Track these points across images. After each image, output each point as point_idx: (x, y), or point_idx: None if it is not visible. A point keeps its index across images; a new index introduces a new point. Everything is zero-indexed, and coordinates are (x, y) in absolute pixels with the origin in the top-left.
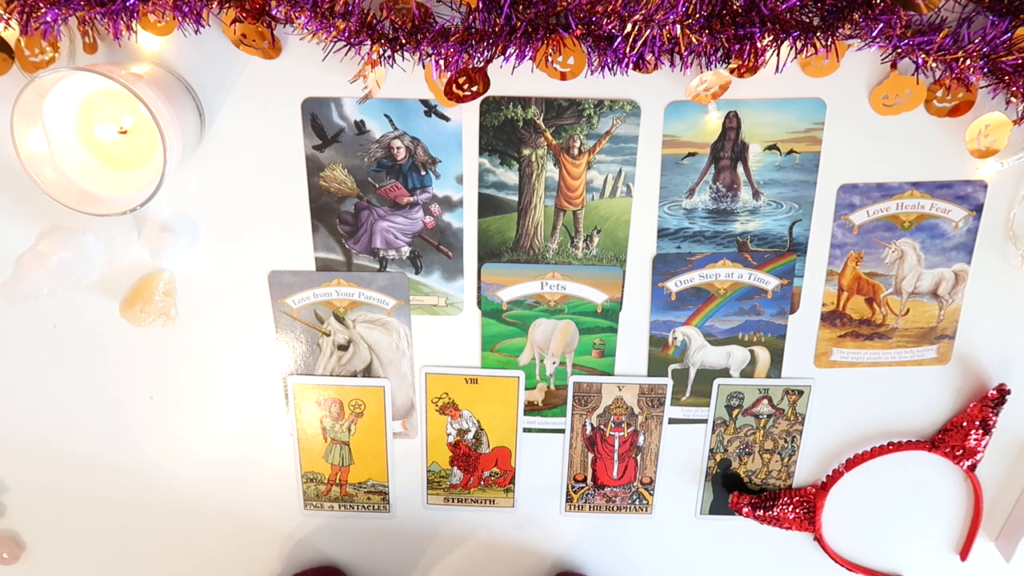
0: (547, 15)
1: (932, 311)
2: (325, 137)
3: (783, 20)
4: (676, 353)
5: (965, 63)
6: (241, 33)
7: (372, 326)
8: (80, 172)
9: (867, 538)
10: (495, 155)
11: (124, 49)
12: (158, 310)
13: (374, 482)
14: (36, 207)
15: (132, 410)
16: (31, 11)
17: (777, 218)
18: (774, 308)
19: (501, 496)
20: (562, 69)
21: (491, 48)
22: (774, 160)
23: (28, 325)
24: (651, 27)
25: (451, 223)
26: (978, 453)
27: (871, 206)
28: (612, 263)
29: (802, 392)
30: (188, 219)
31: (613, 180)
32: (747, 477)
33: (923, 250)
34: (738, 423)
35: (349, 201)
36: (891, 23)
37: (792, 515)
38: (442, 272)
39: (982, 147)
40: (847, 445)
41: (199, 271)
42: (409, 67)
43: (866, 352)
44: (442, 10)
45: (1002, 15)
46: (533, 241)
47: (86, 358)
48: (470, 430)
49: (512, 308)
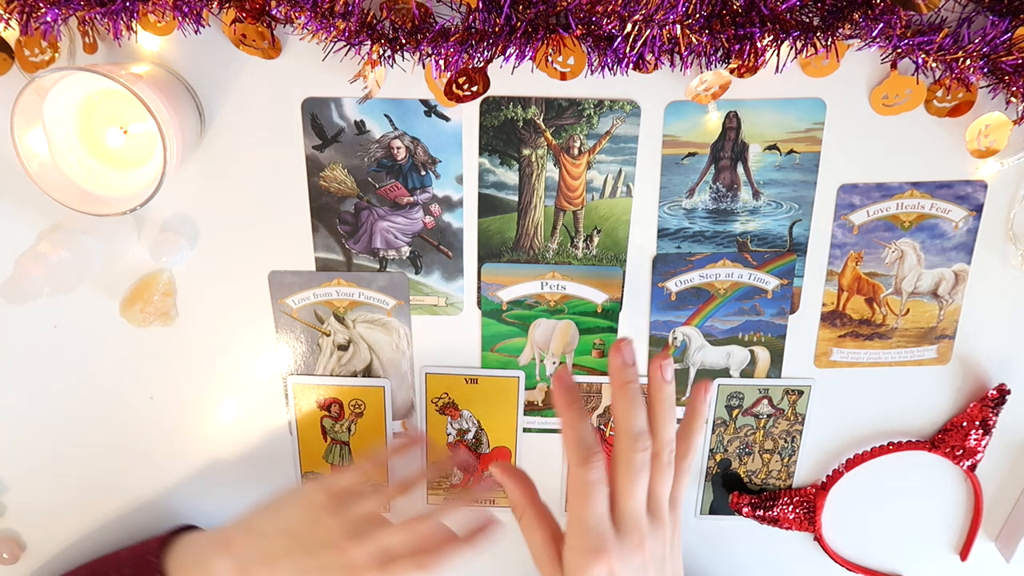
0: (547, 15)
1: (932, 311)
2: (325, 137)
3: (783, 20)
4: (676, 353)
5: (965, 63)
6: (241, 33)
7: (372, 326)
8: (80, 172)
9: (867, 538)
10: (495, 155)
11: (124, 49)
12: (158, 310)
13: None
14: (36, 207)
15: (132, 410)
16: (31, 11)
17: (777, 218)
18: (774, 308)
19: (501, 496)
20: (562, 69)
21: (491, 48)
22: (774, 160)
23: (28, 325)
24: (651, 27)
25: (451, 223)
26: (978, 453)
27: (871, 206)
28: (612, 263)
29: (802, 392)
30: (188, 219)
31: (613, 180)
32: (747, 477)
33: (923, 250)
34: (738, 423)
35: (349, 201)
36: (891, 23)
37: (792, 515)
38: (442, 272)
39: (982, 147)
40: (847, 445)
41: (199, 271)
42: (409, 67)
43: (866, 352)
44: (442, 10)
45: (1002, 15)
46: (533, 241)
47: (86, 358)
48: (470, 430)
49: (512, 308)
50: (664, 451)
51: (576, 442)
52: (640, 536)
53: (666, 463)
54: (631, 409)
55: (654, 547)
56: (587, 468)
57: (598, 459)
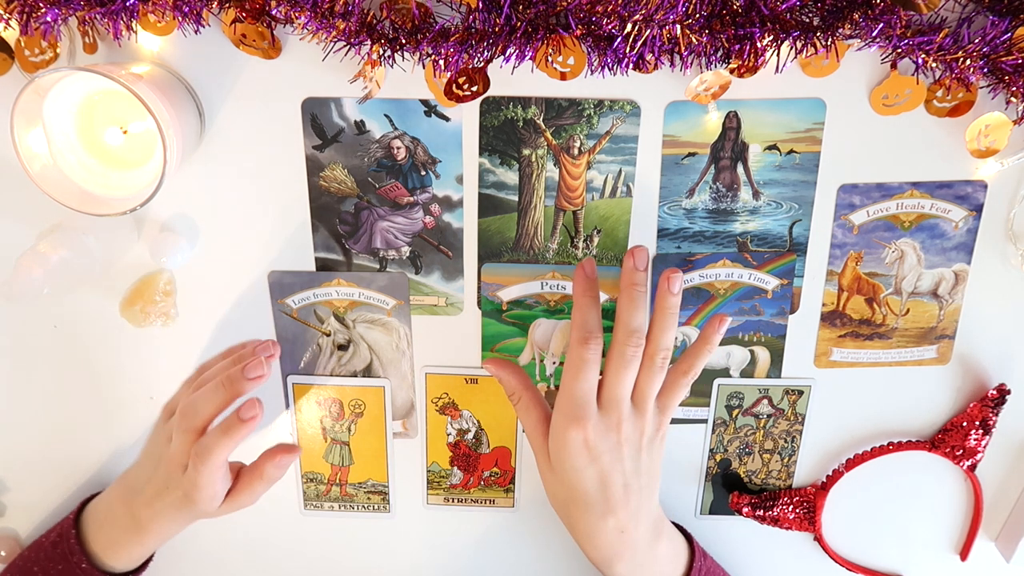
0: (547, 15)
1: (932, 311)
2: (325, 137)
3: (783, 20)
4: (676, 353)
5: (965, 63)
6: (241, 33)
7: (372, 326)
8: (80, 172)
9: (867, 538)
10: (495, 155)
11: (124, 49)
12: (158, 310)
13: (374, 482)
14: (36, 207)
15: (132, 410)
16: (31, 11)
17: (777, 218)
18: (774, 308)
19: (501, 496)
20: (562, 69)
21: (491, 48)
22: (774, 160)
23: (28, 325)
24: (651, 27)
25: (451, 223)
26: (978, 453)
27: (871, 206)
28: (612, 263)
29: (802, 392)
30: (188, 219)
31: (613, 180)
32: (747, 477)
33: (923, 250)
34: (738, 423)
35: (349, 201)
36: (891, 23)
37: (792, 515)
38: (442, 272)
39: (982, 147)
40: (847, 445)
41: (199, 271)
42: (409, 67)
43: (866, 352)
44: (442, 10)
45: (1002, 15)
46: (533, 241)
47: (86, 358)
48: (470, 430)
49: (512, 308)
50: (658, 355)
51: (581, 323)
52: (619, 418)
53: (658, 366)
54: (632, 308)
55: (631, 434)
56: (584, 347)
57: (596, 343)
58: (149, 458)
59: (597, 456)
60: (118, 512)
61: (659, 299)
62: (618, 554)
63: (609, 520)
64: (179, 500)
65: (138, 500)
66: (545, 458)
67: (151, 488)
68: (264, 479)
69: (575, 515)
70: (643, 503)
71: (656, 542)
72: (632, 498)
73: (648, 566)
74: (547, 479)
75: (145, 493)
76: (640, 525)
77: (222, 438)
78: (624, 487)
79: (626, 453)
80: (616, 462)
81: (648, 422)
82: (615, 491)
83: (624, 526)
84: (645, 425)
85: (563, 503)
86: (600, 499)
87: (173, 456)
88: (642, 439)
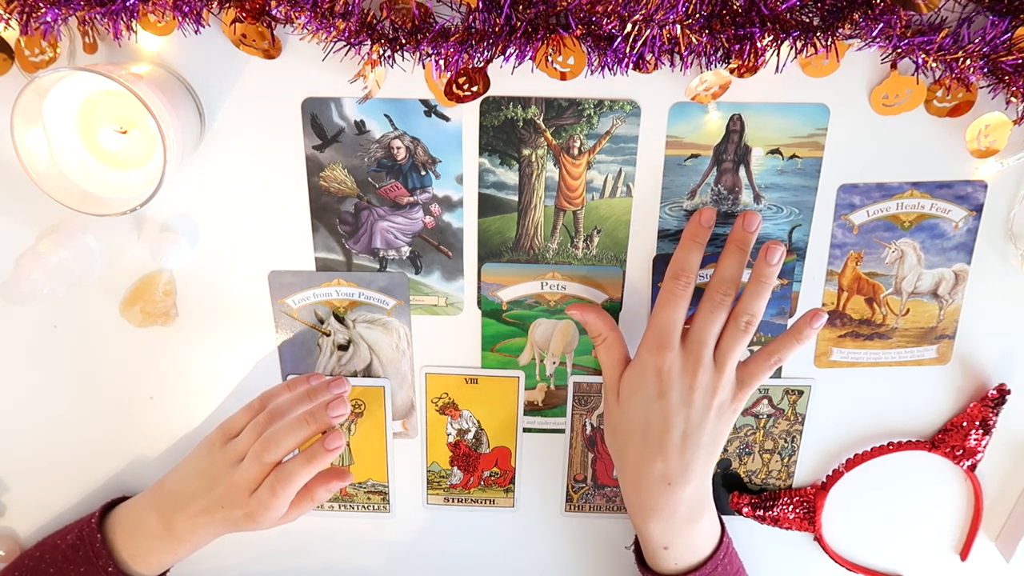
0: (547, 15)
1: (932, 311)
2: (325, 137)
3: (783, 20)
4: None
5: (965, 63)
6: (241, 33)
7: (372, 326)
8: (80, 172)
9: (867, 538)
10: (495, 155)
11: (124, 49)
12: (158, 310)
13: (374, 482)
14: (36, 207)
15: (132, 410)
16: (31, 11)
17: (777, 222)
18: (774, 308)
19: (501, 496)
20: (562, 69)
21: (491, 48)
22: (776, 164)
23: (28, 325)
24: (651, 27)
25: (451, 223)
26: (978, 453)
27: (871, 206)
28: (612, 263)
29: (802, 392)
30: (188, 219)
31: (613, 180)
32: (747, 477)
33: (923, 250)
34: (738, 423)
35: (349, 201)
36: (891, 23)
37: (792, 515)
38: (442, 272)
39: (982, 147)
40: (847, 445)
41: (199, 271)
42: (409, 67)
43: (866, 352)
44: (442, 10)
45: (1002, 15)
46: (533, 241)
47: (87, 358)
48: (470, 430)
49: (512, 308)
50: (743, 317)
51: (679, 261)
52: (697, 361)
53: (742, 329)
54: (731, 262)
55: (706, 384)
56: (676, 282)
57: (688, 280)
58: (200, 478)
59: (667, 390)
60: (150, 522)
61: (756, 267)
62: (657, 507)
63: (658, 463)
64: (236, 519)
65: (179, 514)
66: (615, 395)
67: (197, 504)
68: (313, 500)
69: (629, 452)
70: (696, 463)
71: (698, 516)
72: (688, 451)
73: (682, 536)
74: (612, 414)
75: (189, 509)
76: (688, 485)
77: (306, 466)
78: (683, 435)
79: (696, 401)
80: (682, 406)
81: (724, 384)
82: (673, 435)
83: (671, 477)
84: (721, 384)
85: (623, 437)
86: (656, 437)
87: (241, 481)
88: (714, 398)
